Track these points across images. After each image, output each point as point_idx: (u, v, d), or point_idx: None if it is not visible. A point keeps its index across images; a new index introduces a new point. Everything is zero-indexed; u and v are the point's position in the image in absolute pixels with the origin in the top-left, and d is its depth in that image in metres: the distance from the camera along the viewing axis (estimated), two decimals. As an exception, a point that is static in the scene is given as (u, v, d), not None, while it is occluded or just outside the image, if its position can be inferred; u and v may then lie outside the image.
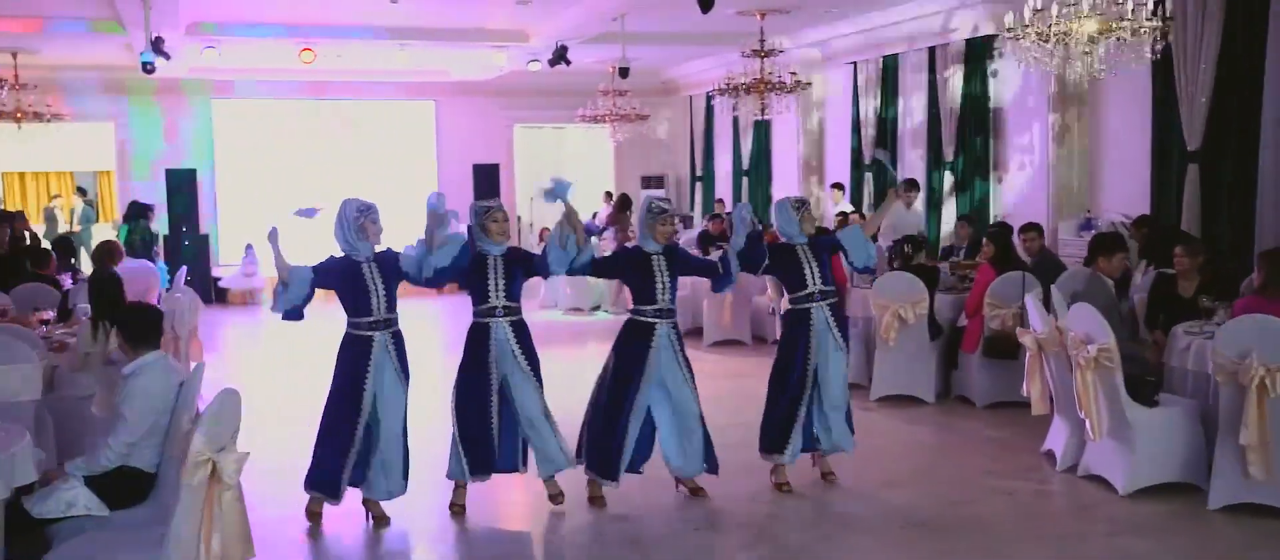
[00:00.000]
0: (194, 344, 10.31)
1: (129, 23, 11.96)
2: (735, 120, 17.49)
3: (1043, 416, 6.94)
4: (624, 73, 13.74)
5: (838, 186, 14.78)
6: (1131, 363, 6.87)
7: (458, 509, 6.07)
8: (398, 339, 5.88)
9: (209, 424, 4.03)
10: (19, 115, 15.00)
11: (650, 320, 6.07)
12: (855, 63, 15.12)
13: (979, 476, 6.70)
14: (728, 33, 14.11)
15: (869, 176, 14.81)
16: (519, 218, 19.50)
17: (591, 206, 18.49)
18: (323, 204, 5.80)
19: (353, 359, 5.76)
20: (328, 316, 6.24)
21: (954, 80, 13.14)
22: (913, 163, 13.98)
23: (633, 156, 19.85)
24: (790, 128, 16.59)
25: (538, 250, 6.26)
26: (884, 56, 14.49)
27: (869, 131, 14.77)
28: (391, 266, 5.86)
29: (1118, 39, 8.06)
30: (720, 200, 17.85)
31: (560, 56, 14.35)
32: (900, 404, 8.60)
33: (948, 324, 8.90)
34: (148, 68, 11.69)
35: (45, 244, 12.33)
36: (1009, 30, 8.56)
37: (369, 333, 5.75)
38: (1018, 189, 12.62)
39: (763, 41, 13.38)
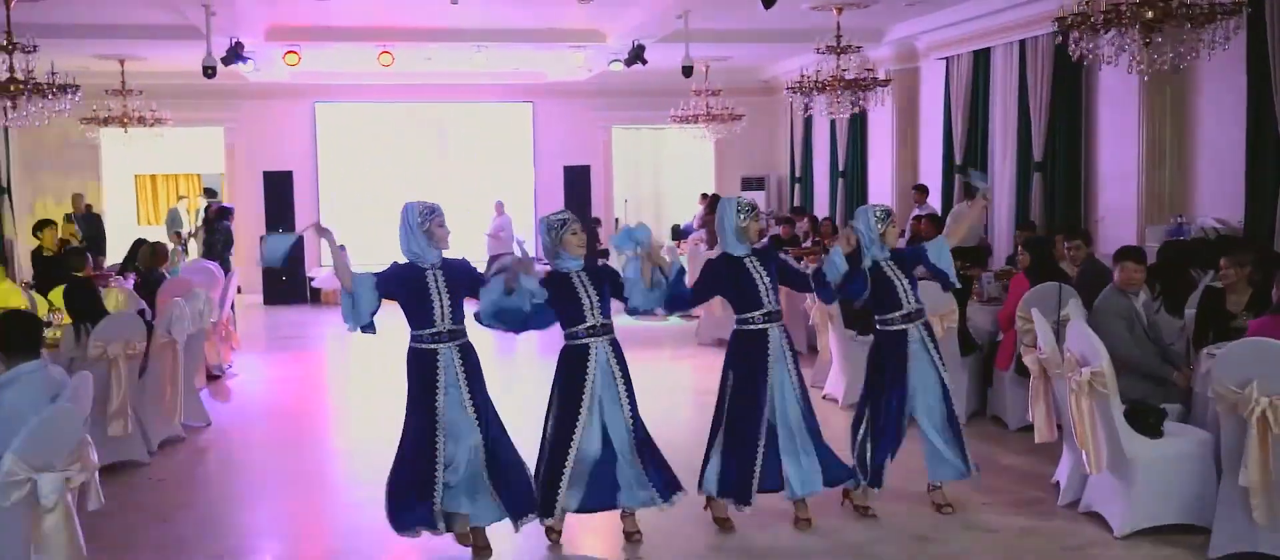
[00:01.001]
0: (222, 345, 10.48)
1: (208, 29, 12.23)
2: (832, 121, 16.90)
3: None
4: (687, 71, 13.36)
5: (920, 189, 14.05)
6: (1154, 388, 6.22)
7: (555, 534, 5.63)
8: (465, 351, 5.35)
9: (26, 443, 3.91)
10: (125, 120, 15.61)
11: (760, 326, 5.64)
12: (948, 59, 14.37)
13: (969, 508, 6.13)
14: (822, 29, 13.53)
15: (959, 179, 14.03)
16: (616, 220, 19.34)
17: (692, 210, 18.20)
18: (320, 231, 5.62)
19: (419, 376, 5.30)
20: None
21: (1044, 76, 12.31)
22: (1003, 165, 13.18)
23: (733, 158, 19.44)
24: (886, 127, 15.93)
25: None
26: (975, 52, 13.72)
27: (960, 131, 14.00)
28: (460, 275, 5.38)
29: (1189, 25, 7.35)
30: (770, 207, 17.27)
31: (636, 56, 14.11)
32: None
33: (987, 338, 8.27)
34: (208, 72, 11.92)
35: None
36: (1058, 19, 7.92)
37: (432, 345, 5.27)
38: (1107, 191, 11.74)
39: (839, 37, 12.81)
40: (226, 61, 13.29)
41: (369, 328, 5.35)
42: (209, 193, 21.65)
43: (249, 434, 8.53)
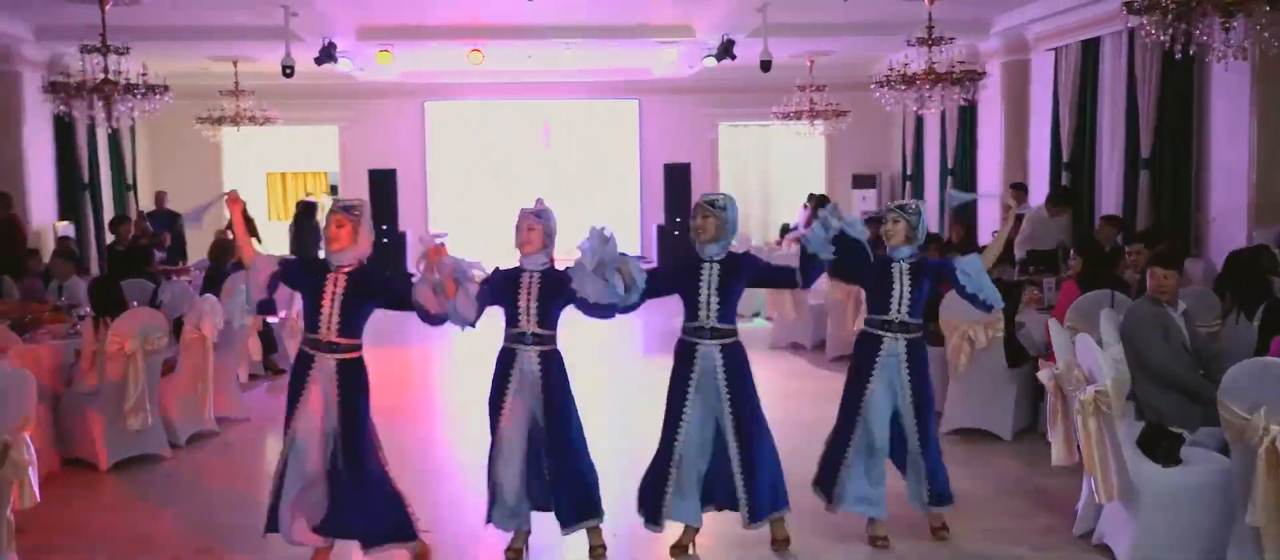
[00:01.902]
0: (290, 340, 10.60)
1: (288, 30, 12.48)
2: (943, 116, 16.21)
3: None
4: (765, 66, 12.94)
5: (1017, 188, 13.25)
6: (1191, 407, 5.62)
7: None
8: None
9: None
10: (237, 120, 16.14)
11: (690, 339, 5.31)
12: (1057, 49, 13.54)
13: (974, 536, 5.65)
14: (916, 22, 12.95)
15: (1066, 176, 13.19)
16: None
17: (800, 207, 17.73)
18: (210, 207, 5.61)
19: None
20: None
21: (1152, 66, 11.44)
22: (1110, 163, 12.32)
23: (843, 155, 18.87)
24: (994, 122, 15.15)
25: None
26: (1084, 42, 12.87)
27: (1067, 126, 13.17)
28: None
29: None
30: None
31: (726, 51, 13.80)
32: (971, 439, 7.50)
33: (1042, 348, 7.67)
34: (287, 71, 12.15)
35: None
36: (1125, 4, 7.29)
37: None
38: (1218, 190, 10.82)
39: (930, 29, 12.19)
40: (319, 61, 13.57)
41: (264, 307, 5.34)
42: (334, 190, 22.31)
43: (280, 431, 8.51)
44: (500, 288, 5.18)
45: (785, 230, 18.12)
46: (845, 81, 16.75)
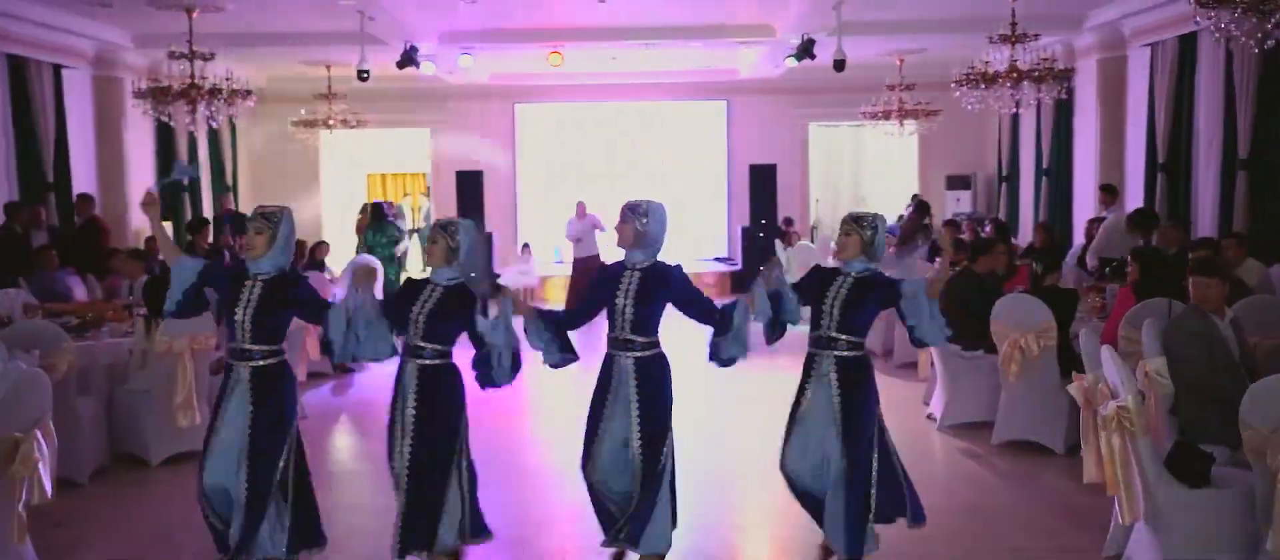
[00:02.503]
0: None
1: (362, 35, 12.71)
2: (1038, 115, 15.68)
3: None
4: (839, 66, 12.66)
5: (1107, 189, 12.71)
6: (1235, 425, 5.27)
7: None
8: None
9: None
10: (330, 123, 16.52)
11: (608, 350, 5.18)
12: (1153, 45, 12.96)
13: (999, 553, 5.42)
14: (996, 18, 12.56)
15: (1161, 178, 12.60)
16: (812, 228, 18.71)
17: (896, 210, 17.38)
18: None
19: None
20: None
21: (1250, 61, 10.84)
22: (1207, 163, 11.73)
23: (937, 156, 18.38)
24: (1090, 122, 14.60)
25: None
26: (1181, 37, 12.28)
27: (1164, 125, 12.59)
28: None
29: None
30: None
31: (805, 50, 13.57)
32: (1022, 452, 7.20)
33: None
34: (362, 76, 12.36)
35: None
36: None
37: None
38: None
39: (1013, 25, 11.79)
40: (401, 65, 13.81)
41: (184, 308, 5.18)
42: (429, 192, 22.69)
43: (329, 431, 8.66)
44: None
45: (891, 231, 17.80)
46: (939, 80, 16.32)
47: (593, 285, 5.40)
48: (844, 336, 5.12)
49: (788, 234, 16.12)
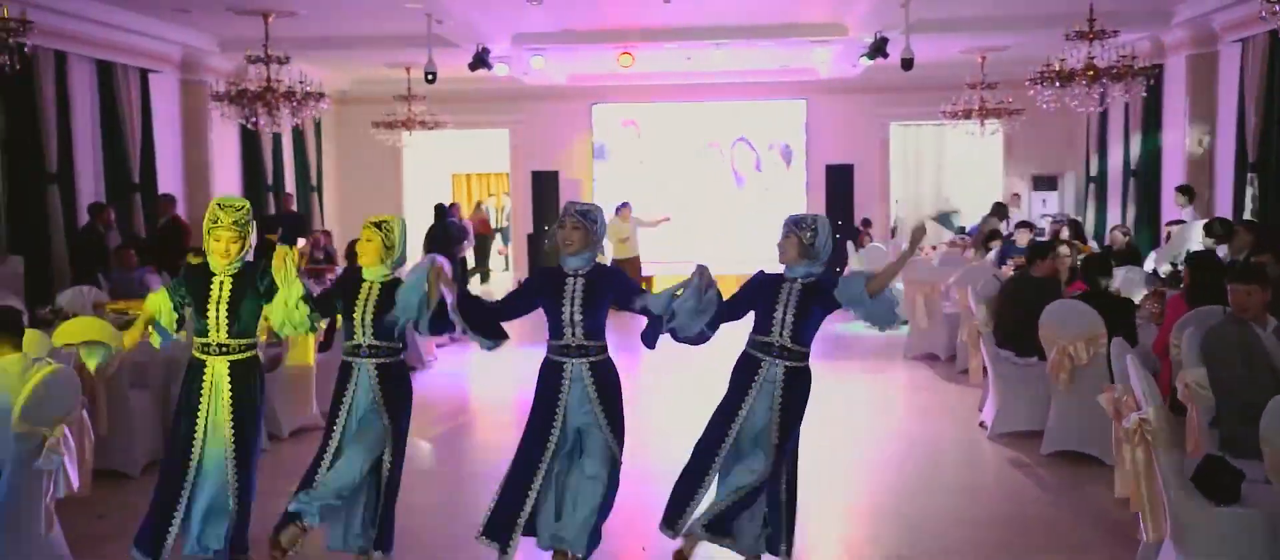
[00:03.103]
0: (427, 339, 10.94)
1: (429, 37, 12.87)
2: (1126, 113, 15.21)
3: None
4: (907, 64, 12.38)
5: (1184, 191, 12.23)
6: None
7: None
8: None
9: None
10: (409, 124, 16.79)
11: (556, 358, 5.04)
12: (1243, 40, 12.43)
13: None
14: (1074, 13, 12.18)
15: (1254, 178, 12.08)
16: (892, 230, 18.40)
17: (980, 212, 17.00)
18: None
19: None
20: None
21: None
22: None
23: (1023, 156, 17.94)
24: (1178, 121, 14.08)
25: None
26: (1273, 32, 11.74)
27: (1254, 124, 12.08)
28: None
29: None
30: None
31: (878, 49, 13.33)
32: (1070, 463, 6.97)
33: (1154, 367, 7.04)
34: (429, 78, 12.53)
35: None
36: None
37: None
38: None
39: (1091, 21, 11.42)
40: (473, 66, 13.97)
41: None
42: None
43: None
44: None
45: (962, 232, 17.43)
46: (1024, 78, 15.91)
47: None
48: (796, 345, 4.95)
49: (861, 235, 15.86)
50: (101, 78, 12.51)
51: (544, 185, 17.89)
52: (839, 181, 17.50)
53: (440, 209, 13.77)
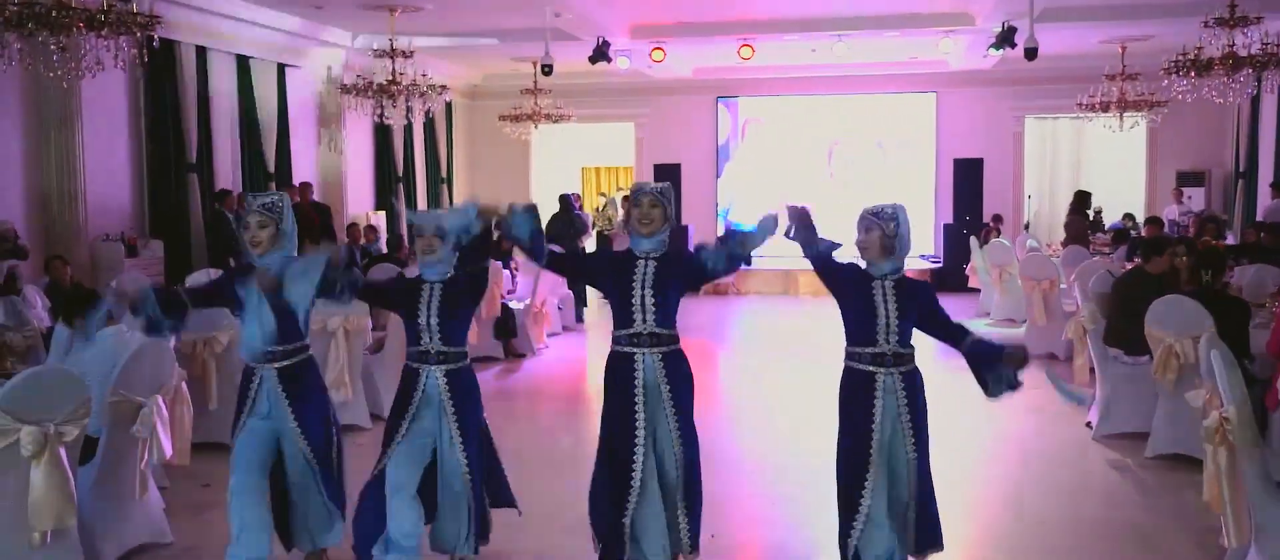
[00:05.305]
0: (535, 327, 11.13)
1: (547, 31, 13.04)
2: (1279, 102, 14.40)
3: None
4: (1030, 54, 11.91)
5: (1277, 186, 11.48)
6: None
7: None
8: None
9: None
10: (535, 118, 17.08)
11: (625, 349, 4.68)
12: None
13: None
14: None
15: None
16: (1026, 226, 17.82)
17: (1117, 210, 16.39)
18: None
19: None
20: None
21: None
22: None
23: (1168, 150, 17.18)
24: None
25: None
26: None
27: None
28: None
29: None
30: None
31: (1006, 38, 12.94)
32: (1176, 467, 6.63)
33: (1269, 368, 6.66)
34: (545, 70, 12.68)
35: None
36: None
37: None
38: None
39: (1233, 7, 10.86)
40: (593, 59, 14.10)
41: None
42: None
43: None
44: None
45: (1099, 228, 16.82)
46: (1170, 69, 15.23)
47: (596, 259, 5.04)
48: (906, 349, 4.56)
49: (987, 230, 15.42)
50: (241, 72, 13.09)
51: (668, 178, 17.89)
52: (968, 176, 17.04)
53: (565, 199, 13.90)
